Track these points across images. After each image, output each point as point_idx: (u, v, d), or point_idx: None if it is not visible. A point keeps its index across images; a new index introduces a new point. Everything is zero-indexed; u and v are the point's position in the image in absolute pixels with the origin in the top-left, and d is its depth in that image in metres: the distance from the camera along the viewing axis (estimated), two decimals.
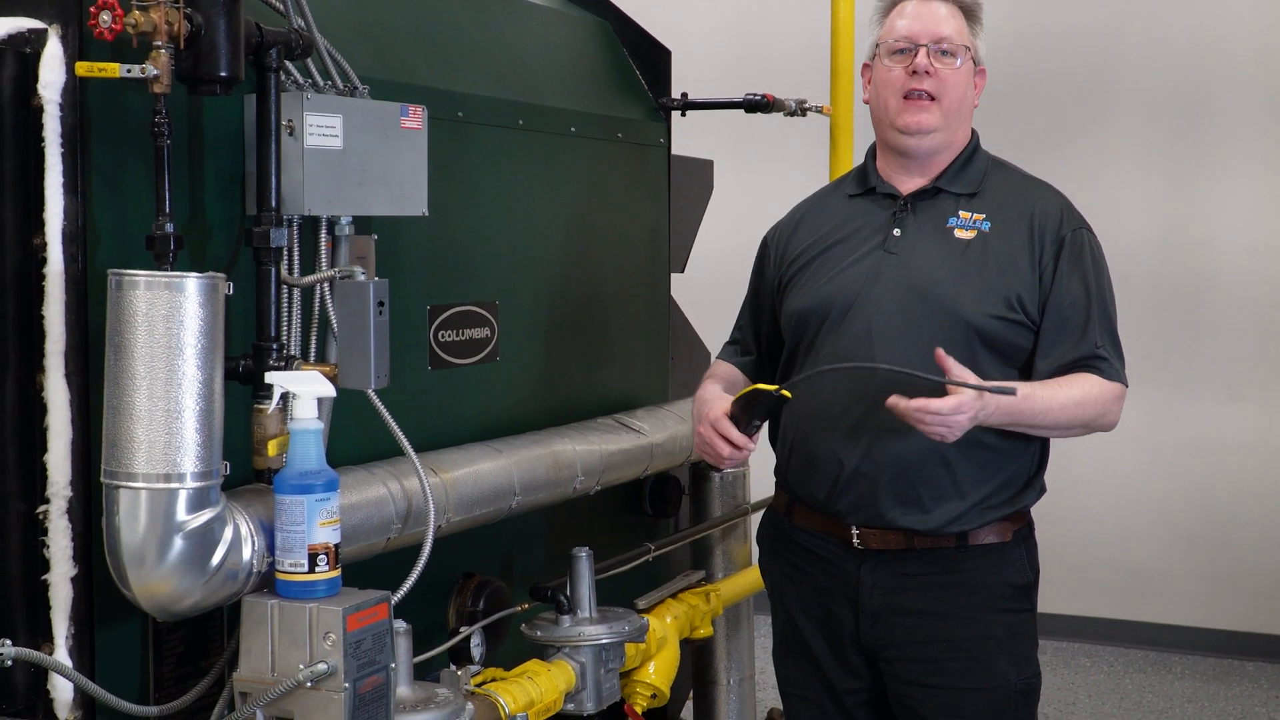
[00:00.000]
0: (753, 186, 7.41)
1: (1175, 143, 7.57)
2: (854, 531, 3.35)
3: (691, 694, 4.86)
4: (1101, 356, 3.28)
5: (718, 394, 3.42)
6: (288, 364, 2.89)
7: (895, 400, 3.07)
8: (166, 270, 2.64)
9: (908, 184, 3.42)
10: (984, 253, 3.30)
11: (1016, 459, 3.33)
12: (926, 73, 3.33)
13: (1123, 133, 7.64)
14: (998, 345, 3.26)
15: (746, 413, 3.23)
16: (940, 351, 3.08)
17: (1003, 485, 3.32)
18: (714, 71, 7.48)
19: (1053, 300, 3.28)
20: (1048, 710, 6.60)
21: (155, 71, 2.60)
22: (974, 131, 3.48)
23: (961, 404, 3.04)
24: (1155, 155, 7.59)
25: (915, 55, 3.34)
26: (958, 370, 3.07)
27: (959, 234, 3.33)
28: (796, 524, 3.48)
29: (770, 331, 3.61)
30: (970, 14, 3.42)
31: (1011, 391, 3.09)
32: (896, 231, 3.37)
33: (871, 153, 3.52)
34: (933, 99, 3.34)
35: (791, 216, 3.64)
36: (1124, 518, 7.72)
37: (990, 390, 3.08)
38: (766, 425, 3.54)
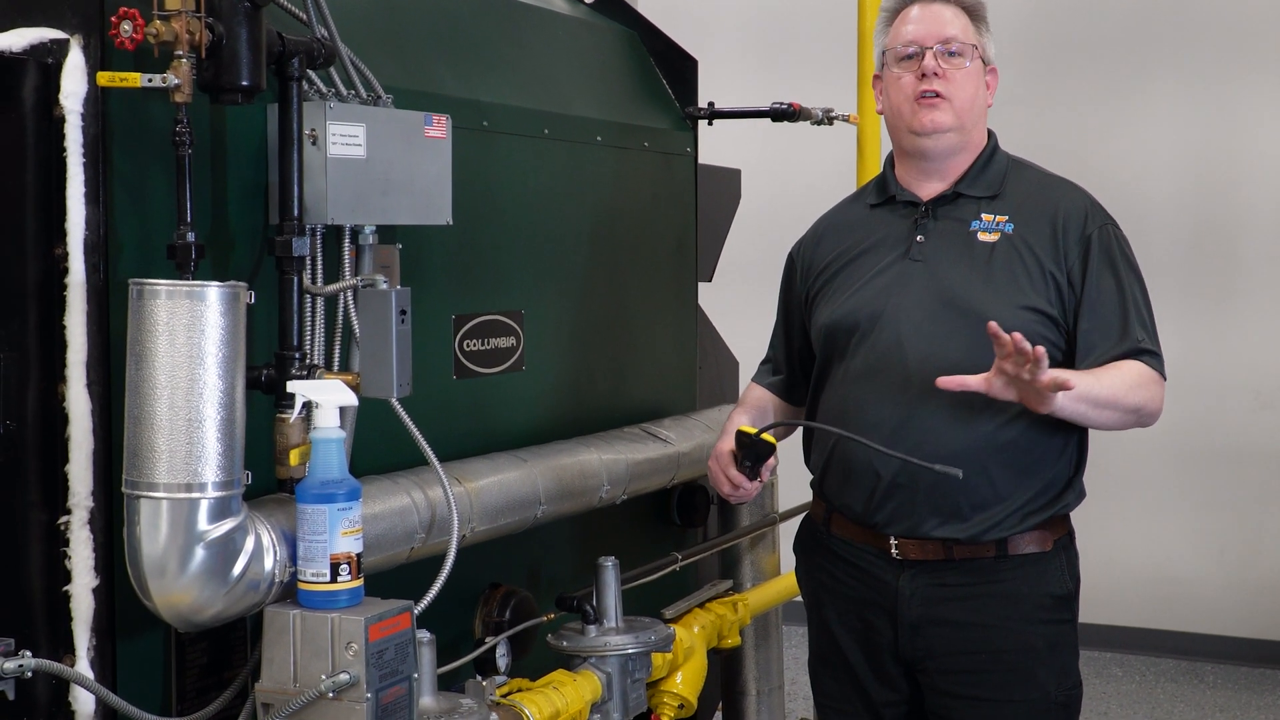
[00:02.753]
0: (781, 195, 7.40)
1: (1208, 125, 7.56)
2: (893, 542, 3.33)
3: (720, 705, 4.84)
4: (1145, 349, 3.25)
5: (739, 424, 3.41)
6: (310, 373, 2.89)
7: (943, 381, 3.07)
8: (188, 279, 2.64)
9: (927, 190, 3.40)
10: (1009, 255, 3.28)
11: (1054, 463, 3.30)
12: (936, 74, 3.31)
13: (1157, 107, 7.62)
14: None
15: (739, 452, 3.27)
16: (993, 325, 3.01)
17: (1042, 490, 3.29)
18: (742, 78, 7.48)
19: (1086, 300, 3.25)
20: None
21: (176, 81, 2.60)
22: (991, 132, 3.45)
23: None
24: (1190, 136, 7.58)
25: (923, 58, 3.32)
26: (1008, 339, 2.99)
27: (983, 237, 3.31)
28: (834, 534, 3.46)
29: (802, 347, 3.59)
30: (974, 14, 3.38)
31: (957, 475, 3.09)
32: (920, 238, 3.35)
33: (890, 162, 3.50)
34: (944, 99, 3.33)
35: (814, 230, 3.62)
36: (1155, 527, 7.69)
37: (938, 470, 3.10)
38: (801, 438, 3.54)
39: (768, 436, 3.23)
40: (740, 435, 3.26)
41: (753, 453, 3.24)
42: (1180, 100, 7.58)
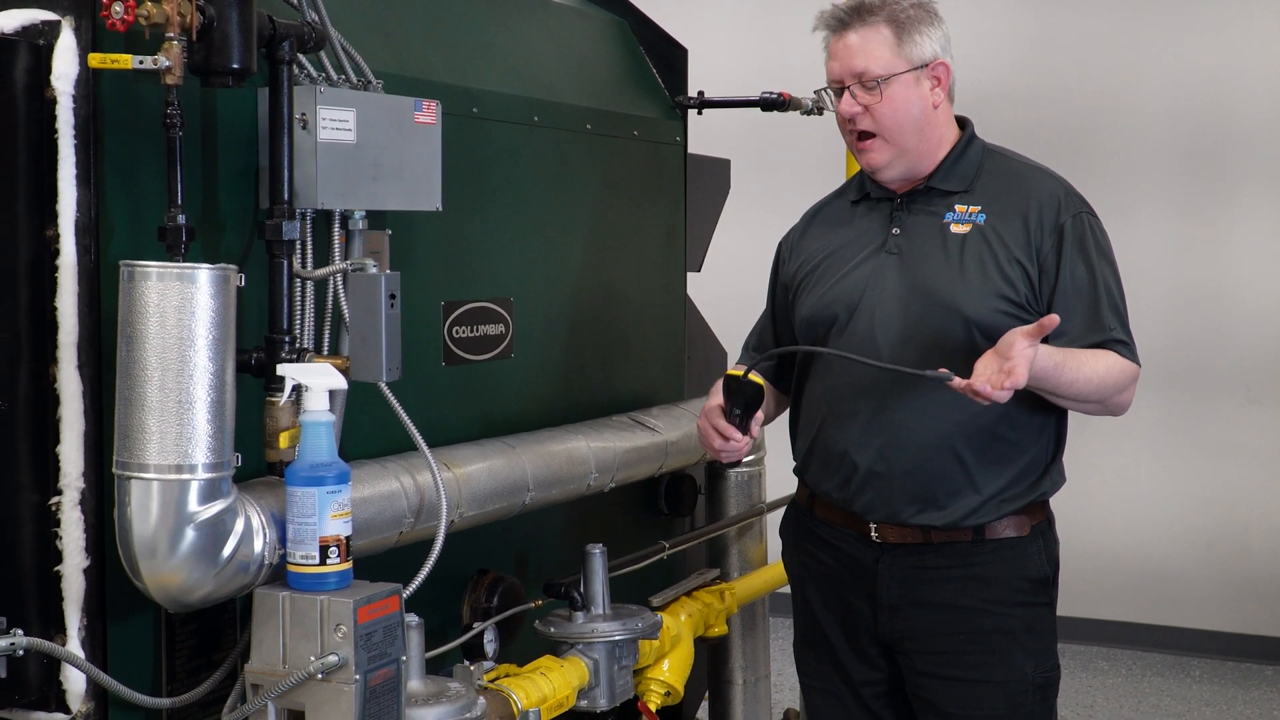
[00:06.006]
0: (770, 186, 7.41)
1: (1192, 162, 7.57)
2: (872, 526, 3.37)
3: (707, 694, 4.85)
4: (1117, 339, 3.27)
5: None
6: (300, 356, 2.89)
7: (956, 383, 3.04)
8: (179, 261, 2.64)
9: (900, 186, 3.42)
10: (981, 246, 3.30)
11: (1031, 449, 3.34)
12: (856, 113, 3.32)
13: (1142, 149, 7.64)
14: (1000, 338, 3.23)
15: (727, 401, 3.25)
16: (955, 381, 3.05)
17: (1019, 476, 3.33)
18: (732, 77, 7.49)
19: (1059, 287, 3.27)
20: (1066, 713, 6.59)
21: (167, 63, 2.60)
22: (967, 122, 3.46)
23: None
24: (1173, 171, 7.60)
25: (841, 99, 3.33)
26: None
27: (955, 229, 3.33)
28: (817, 516, 3.50)
29: (786, 335, 3.62)
30: (899, 23, 3.31)
31: (948, 378, 3.04)
32: (895, 230, 3.38)
33: None
34: (873, 135, 3.33)
35: (802, 223, 3.67)
36: (1142, 521, 7.71)
37: (929, 378, 3.07)
38: (788, 426, 3.56)
39: (755, 377, 3.20)
40: (728, 380, 3.23)
41: (741, 399, 3.23)
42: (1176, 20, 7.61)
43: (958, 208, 3.35)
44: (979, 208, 3.34)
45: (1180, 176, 7.57)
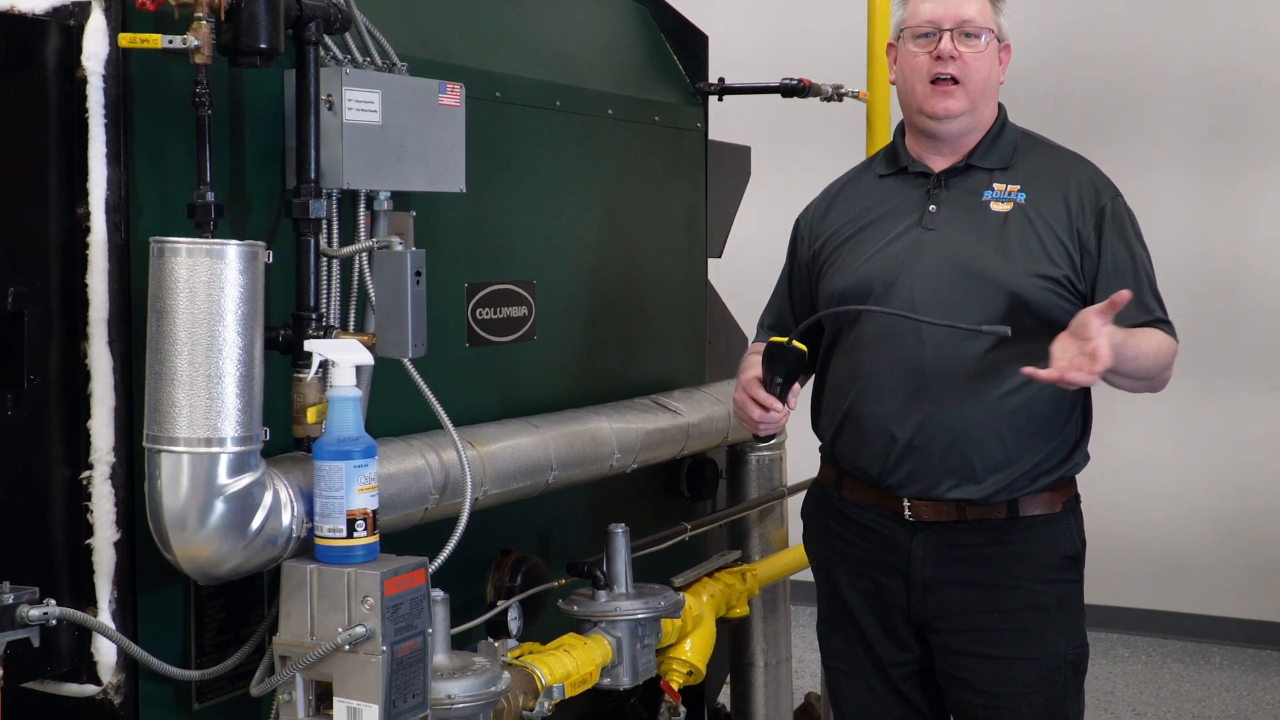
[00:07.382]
0: (790, 172, 7.42)
1: (1213, 144, 7.56)
2: (906, 504, 3.38)
3: (728, 677, 4.87)
4: (1162, 319, 3.32)
5: (754, 364, 3.43)
6: (326, 333, 2.93)
7: (1032, 371, 3.06)
8: (208, 238, 2.68)
9: (939, 163, 3.44)
10: (1023, 224, 3.32)
11: (1062, 426, 3.36)
12: (951, 57, 3.33)
13: (1162, 133, 7.63)
14: (1044, 314, 3.26)
15: (768, 370, 3.26)
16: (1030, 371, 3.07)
17: (1051, 452, 3.35)
18: (752, 63, 7.51)
19: (1103, 269, 3.30)
20: (1086, 700, 6.58)
21: (196, 42, 2.63)
22: (1001, 106, 3.48)
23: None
24: (1194, 156, 7.59)
25: (939, 40, 3.34)
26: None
27: (995, 206, 3.35)
28: (845, 497, 3.50)
29: (806, 314, 3.61)
30: None
31: (1006, 333, 3.10)
32: (932, 208, 3.39)
33: (900, 132, 3.53)
34: (957, 83, 3.35)
35: (823, 198, 3.66)
36: (1162, 509, 7.71)
37: (985, 332, 3.13)
38: (810, 407, 3.57)
39: (798, 344, 3.22)
40: (770, 347, 3.25)
41: (783, 366, 3.24)
42: None
43: (996, 186, 3.38)
44: (1018, 186, 3.37)
45: (1202, 153, 7.57)
